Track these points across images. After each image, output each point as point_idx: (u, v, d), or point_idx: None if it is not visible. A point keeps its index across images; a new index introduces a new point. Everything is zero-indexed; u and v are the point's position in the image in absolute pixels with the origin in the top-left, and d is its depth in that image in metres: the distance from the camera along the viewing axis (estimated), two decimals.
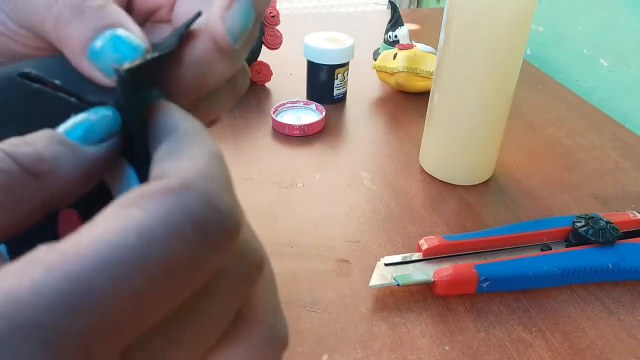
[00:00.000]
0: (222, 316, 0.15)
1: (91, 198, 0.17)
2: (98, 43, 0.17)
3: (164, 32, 0.21)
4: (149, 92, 0.17)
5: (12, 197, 0.14)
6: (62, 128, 0.15)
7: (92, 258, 0.11)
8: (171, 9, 0.21)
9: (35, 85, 0.17)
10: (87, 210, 0.17)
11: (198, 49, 0.18)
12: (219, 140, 0.57)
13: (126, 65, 0.15)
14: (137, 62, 0.16)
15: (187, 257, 0.12)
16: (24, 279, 0.11)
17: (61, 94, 0.17)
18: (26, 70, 0.17)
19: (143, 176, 0.16)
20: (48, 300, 0.11)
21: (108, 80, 0.17)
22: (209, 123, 0.22)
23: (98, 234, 0.12)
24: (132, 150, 0.17)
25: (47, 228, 0.17)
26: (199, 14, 0.18)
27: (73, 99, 0.17)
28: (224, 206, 0.13)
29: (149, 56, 0.16)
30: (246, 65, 0.22)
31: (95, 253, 0.11)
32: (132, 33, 0.17)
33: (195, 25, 0.18)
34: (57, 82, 0.17)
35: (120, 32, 0.17)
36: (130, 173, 0.17)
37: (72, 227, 0.17)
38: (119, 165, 0.17)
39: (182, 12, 0.20)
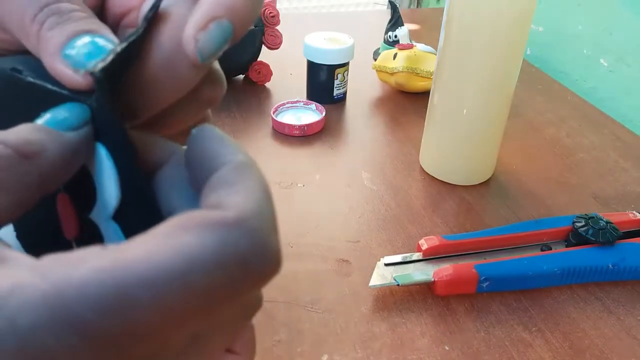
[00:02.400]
0: (233, 333, 0.17)
1: (78, 183, 0.18)
2: (73, 45, 0.17)
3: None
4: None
5: (12, 177, 0.15)
6: (40, 121, 0.16)
7: (140, 273, 0.12)
8: (142, 2, 0.21)
9: (28, 79, 0.17)
10: (76, 193, 0.18)
11: (165, 49, 0.18)
12: None
13: (100, 64, 0.16)
14: (109, 58, 0.16)
15: (225, 288, 0.13)
16: (74, 275, 0.12)
17: (53, 88, 0.17)
18: (18, 67, 0.18)
19: (123, 174, 0.17)
20: (93, 300, 0.12)
21: (80, 79, 0.17)
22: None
23: (150, 251, 0.13)
24: (107, 140, 0.17)
25: (48, 212, 0.18)
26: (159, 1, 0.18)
27: (65, 92, 0.17)
28: (271, 247, 0.14)
29: (118, 48, 0.16)
30: (219, 76, 0.21)
31: (143, 269, 0.12)
32: (108, 38, 0.18)
33: (163, 7, 0.18)
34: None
35: (96, 37, 0.18)
36: (103, 156, 0.17)
37: (68, 211, 0.19)
38: (93, 151, 0.18)
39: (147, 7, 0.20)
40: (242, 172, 0.16)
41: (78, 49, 0.17)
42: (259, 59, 0.68)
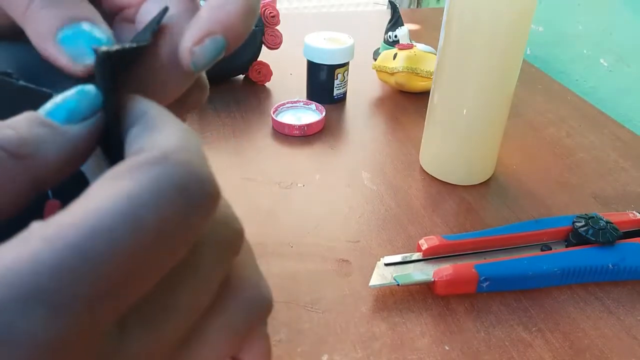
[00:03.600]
0: (210, 282, 0.16)
1: (73, 189, 0.17)
2: (69, 31, 0.17)
3: (131, 32, 0.21)
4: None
5: (2, 178, 0.14)
6: (43, 110, 0.16)
7: (88, 225, 0.12)
8: (140, 3, 0.21)
9: (20, 82, 0.17)
10: (69, 200, 0.17)
11: (161, 58, 0.18)
12: (218, 140, 0.57)
13: (104, 47, 0.16)
14: (115, 47, 0.16)
15: (175, 221, 0.13)
16: (23, 251, 0.11)
17: (47, 91, 0.17)
18: (9, 70, 0.18)
19: (116, 158, 0.17)
20: (49, 267, 0.11)
21: (73, 67, 0.17)
22: None
23: (91, 204, 0.12)
24: (106, 135, 0.17)
25: (33, 218, 0.18)
26: (166, 10, 0.18)
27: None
28: (204, 173, 0.14)
29: (127, 45, 0.16)
30: (203, 82, 0.22)
31: (90, 220, 0.12)
32: (103, 30, 0.18)
33: (166, 20, 0.18)
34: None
35: (91, 26, 0.18)
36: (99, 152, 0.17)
37: None
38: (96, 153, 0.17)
39: (147, 11, 0.20)
40: (157, 119, 0.16)
41: (74, 37, 0.17)
42: (259, 59, 0.68)
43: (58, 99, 0.16)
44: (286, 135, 0.59)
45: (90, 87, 0.16)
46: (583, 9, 0.76)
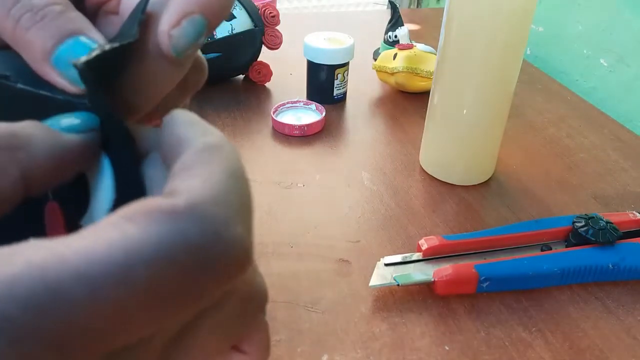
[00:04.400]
0: (232, 333, 0.16)
1: (73, 193, 0.17)
2: (62, 51, 0.17)
3: (116, 25, 0.21)
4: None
5: None
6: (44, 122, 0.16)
7: (74, 265, 0.11)
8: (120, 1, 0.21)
9: (18, 85, 0.17)
10: (69, 204, 0.17)
11: (151, 48, 0.18)
12: None
13: (83, 58, 0.15)
14: (94, 53, 0.16)
15: (178, 283, 0.12)
16: (5, 270, 0.11)
17: (45, 93, 0.17)
18: (7, 73, 0.17)
19: (122, 172, 0.17)
20: (22, 296, 0.10)
21: (74, 88, 0.17)
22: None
23: (88, 242, 0.11)
24: (110, 146, 0.17)
25: (34, 222, 0.18)
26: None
27: (60, 96, 0.17)
28: (232, 235, 0.13)
29: (107, 47, 0.16)
30: (201, 62, 0.21)
31: (78, 261, 0.11)
32: (95, 40, 0.17)
33: (150, 7, 0.18)
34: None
35: (84, 39, 0.17)
36: (106, 166, 0.17)
37: (56, 221, 0.17)
38: (98, 159, 0.17)
39: (129, 2, 0.20)
40: (204, 155, 0.14)
41: (66, 58, 0.17)
42: (259, 59, 0.68)
43: (61, 117, 0.16)
44: (286, 135, 0.59)
45: (87, 113, 0.16)
46: (583, 8, 0.76)
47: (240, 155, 0.15)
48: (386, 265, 0.40)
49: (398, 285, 0.38)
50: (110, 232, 0.12)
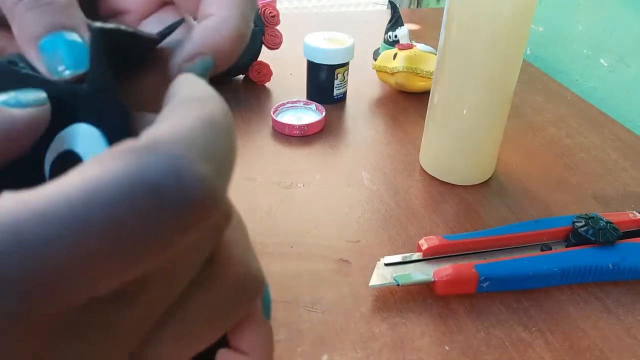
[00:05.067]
0: (191, 263, 0.15)
1: (22, 171, 0.17)
2: (50, 39, 0.17)
3: None
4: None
5: None
6: None
7: (33, 207, 0.11)
8: (140, 18, 0.21)
9: (24, 70, 0.17)
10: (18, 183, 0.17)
11: (154, 69, 0.19)
12: None
13: (99, 24, 0.16)
14: (112, 26, 0.16)
15: (138, 226, 0.11)
16: None
17: (47, 77, 0.17)
18: (14, 58, 0.18)
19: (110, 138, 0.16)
20: None
21: (51, 76, 0.17)
22: None
23: (53, 186, 0.11)
24: (101, 114, 0.17)
25: None
26: (181, 21, 0.19)
27: (62, 83, 0.17)
28: (196, 176, 0.12)
29: (125, 28, 0.17)
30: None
31: (38, 203, 0.11)
32: (84, 42, 0.17)
33: (168, 43, 0.19)
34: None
35: (75, 37, 0.17)
36: (98, 138, 0.17)
37: None
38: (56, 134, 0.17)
39: (147, 28, 0.21)
40: (184, 103, 0.14)
41: (53, 46, 0.17)
42: (259, 59, 0.68)
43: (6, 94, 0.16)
44: (286, 135, 0.59)
45: (38, 90, 0.16)
46: (583, 8, 0.76)
47: (228, 112, 0.15)
48: (386, 265, 0.40)
49: (398, 285, 0.38)
50: (74, 175, 0.11)
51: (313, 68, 0.64)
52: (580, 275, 0.40)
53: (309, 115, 0.61)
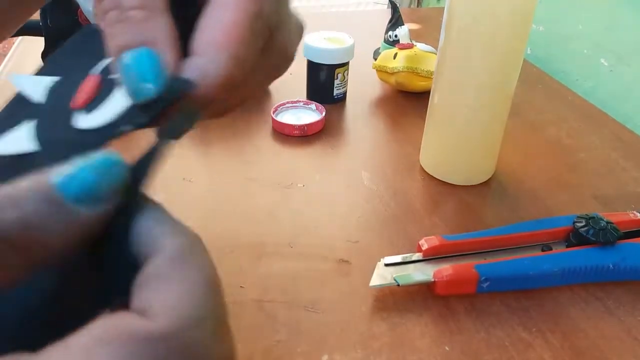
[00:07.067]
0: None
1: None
2: (126, 58, 0.17)
3: None
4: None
5: None
6: (56, 177, 0.14)
7: None
8: None
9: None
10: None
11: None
12: (218, 141, 0.57)
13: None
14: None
15: None
16: None
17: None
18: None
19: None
20: None
21: (132, 99, 0.17)
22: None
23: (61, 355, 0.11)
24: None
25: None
26: (192, 86, 0.18)
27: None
28: (211, 357, 0.12)
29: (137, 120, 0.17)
30: (284, 47, 0.23)
31: None
32: (161, 56, 0.17)
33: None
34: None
35: (147, 52, 0.17)
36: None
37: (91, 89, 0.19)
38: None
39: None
40: (176, 264, 0.14)
41: (129, 68, 0.17)
42: None
43: (75, 166, 0.14)
44: (286, 135, 0.58)
45: (116, 158, 0.15)
46: (583, 8, 0.76)
47: (209, 257, 0.15)
48: (386, 265, 0.40)
49: (398, 285, 0.38)
50: (76, 354, 0.11)
51: (313, 68, 0.64)
52: (580, 276, 0.40)
53: (309, 115, 0.61)
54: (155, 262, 0.14)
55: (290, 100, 0.63)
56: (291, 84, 0.69)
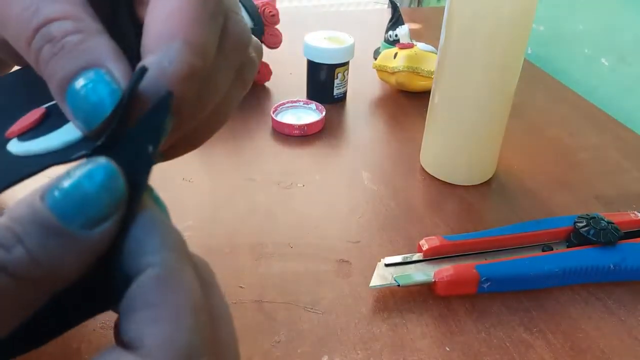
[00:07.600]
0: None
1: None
2: (76, 85, 0.16)
3: None
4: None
5: (8, 305, 0.12)
6: (53, 198, 0.13)
7: None
8: None
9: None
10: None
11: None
12: (218, 141, 0.57)
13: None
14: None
15: None
16: None
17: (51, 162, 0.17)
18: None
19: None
20: None
21: (85, 131, 0.16)
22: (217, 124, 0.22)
23: None
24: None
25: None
26: (144, 70, 0.16)
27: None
28: None
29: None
30: (252, 60, 0.22)
31: None
32: (111, 72, 0.16)
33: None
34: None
35: (98, 73, 0.16)
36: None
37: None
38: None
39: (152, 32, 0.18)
40: (163, 284, 0.13)
41: (78, 97, 0.16)
42: None
43: (70, 181, 0.13)
44: (286, 135, 0.58)
45: (107, 164, 0.14)
46: (584, 8, 0.76)
47: (193, 273, 0.14)
48: (386, 265, 0.39)
49: (399, 285, 0.38)
50: None
51: (313, 67, 0.64)
52: (581, 276, 0.40)
53: (309, 115, 0.61)
54: (142, 281, 0.14)
55: (290, 100, 0.62)
56: (291, 83, 0.69)
